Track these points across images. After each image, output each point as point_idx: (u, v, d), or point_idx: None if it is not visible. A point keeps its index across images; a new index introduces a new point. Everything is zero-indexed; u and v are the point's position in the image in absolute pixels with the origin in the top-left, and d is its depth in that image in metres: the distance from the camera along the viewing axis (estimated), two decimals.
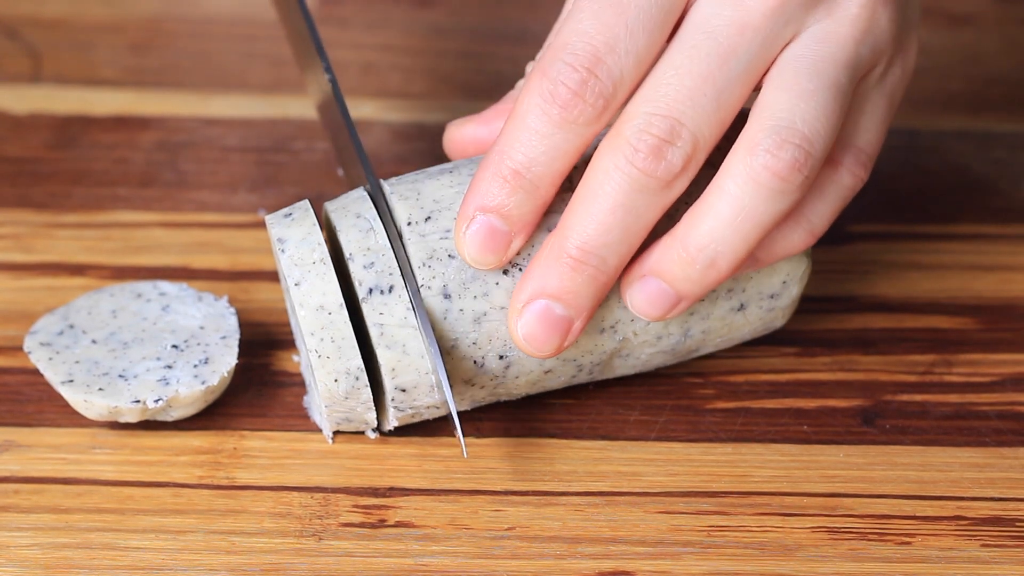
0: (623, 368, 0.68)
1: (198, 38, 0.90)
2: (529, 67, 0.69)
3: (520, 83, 0.70)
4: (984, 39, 0.92)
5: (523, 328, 0.63)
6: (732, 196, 0.61)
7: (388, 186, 0.65)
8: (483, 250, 0.63)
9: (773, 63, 0.62)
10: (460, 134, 0.69)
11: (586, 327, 0.64)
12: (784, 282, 0.67)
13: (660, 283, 0.63)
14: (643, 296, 0.63)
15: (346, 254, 0.64)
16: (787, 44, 0.62)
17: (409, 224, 0.64)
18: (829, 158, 0.64)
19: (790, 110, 0.61)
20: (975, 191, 0.81)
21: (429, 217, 0.64)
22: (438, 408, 0.66)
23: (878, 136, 0.65)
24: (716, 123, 0.61)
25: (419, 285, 0.63)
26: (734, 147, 0.61)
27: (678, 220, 0.63)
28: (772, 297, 0.67)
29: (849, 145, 0.64)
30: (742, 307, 0.67)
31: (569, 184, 0.64)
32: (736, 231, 0.61)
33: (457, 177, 0.65)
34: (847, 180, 0.64)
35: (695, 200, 0.62)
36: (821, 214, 0.64)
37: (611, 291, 0.65)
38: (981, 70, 0.90)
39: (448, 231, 0.64)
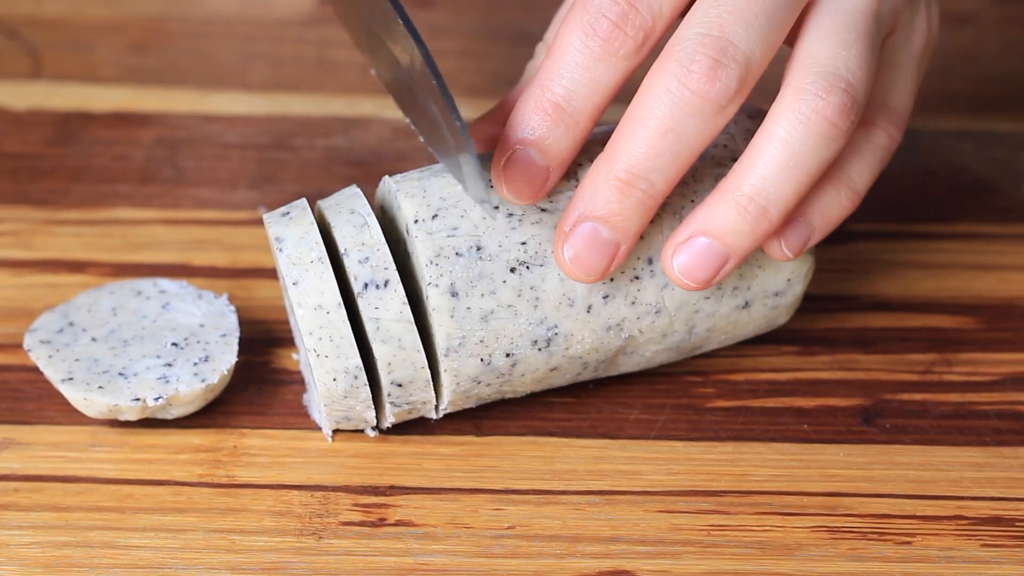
0: (627, 365, 0.68)
1: (198, 38, 0.90)
2: (538, 48, 0.69)
3: (530, 63, 0.69)
4: (984, 39, 0.92)
5: (570, 251, 0.62)
6: (782, 141, 0.61)
7: (394, 183, 0.65)
8: (520, 184, 0.63)
9: (808, 15, 0.62)
10: (483, 135, 0.68)
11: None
12: (788, 280, 0.67)
13: (709, 241, 0.62)
14: (689, 257, 0.62)
15: (341, 250, 0.64)
16: None
17: (416, 222, 0.64)
18: (863, 118, 0.64)
19: (833, 58, 0.61)
20: (975, 191, 0.81)
21: (436, 215, 0.64)
22: (434, 404, 0.66)
23: (909, 98, 0.66)
24: (767, 46, 0.61)
25: (427, 282, 0.63)
26: (780, 95, 0.61)
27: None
28: (776, 295, 0.67)
29: (881, 105, 0.65)
30: (747, 305, 0.67)
31: (574, 174, 0.64)
32: (788, 177, 0.61)
33: None
34: (883, 140, 0.65)
35: (701, 199, 0.62)
36: (861, 173, 0.64)
37: (618, 290, 0.65)
38: (981, 70, 0.90)
39: (455, 228, 0.64)
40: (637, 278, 0.65)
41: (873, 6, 0.63)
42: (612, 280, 0.65)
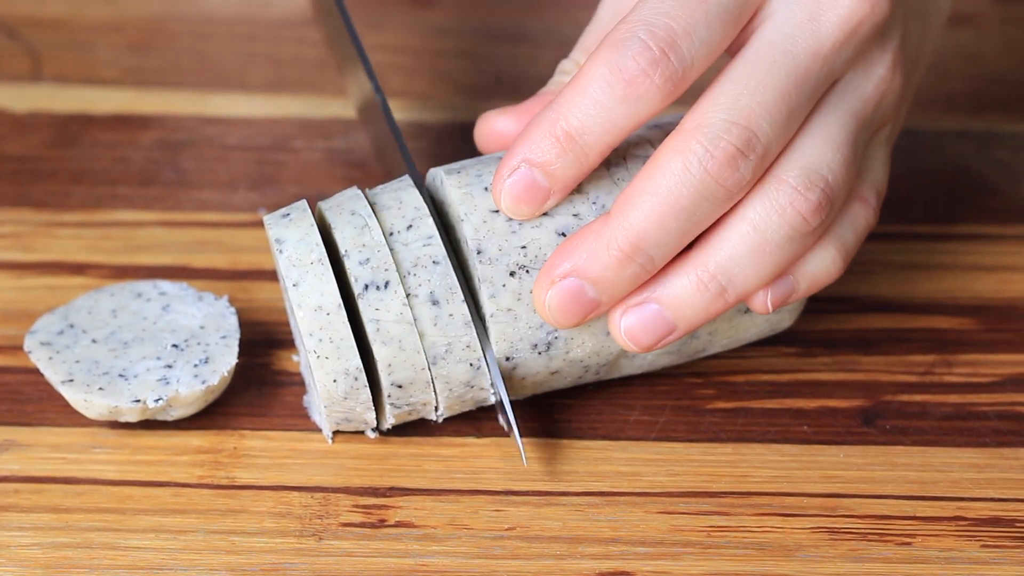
0: (629, 368, 0.68)
1: (198, 38, 0.90)
2: (563, 64, 0.69)
3: (556, 78, 0.69)
4: (984, 39, 0.92)
5: (552, 299, 0.63)
6: (754, 225, 0.62)
7: (371, 196, 0.66)
8: (519, 201, 0.63)
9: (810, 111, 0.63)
10: (493, 126, 0.68)
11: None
12: None
13: (660, 309, 0.63)
14: (637, 321, 0.63)
15: (341, 251, 0.64)
16: (827, 89, 0.63)
17: (392, 234, 0.64)
18: (859, 194, 0.65)
19: (820, 157, 0.62)
20: (975, 191, 0.81)
21: (411, 225, 0.64)
22: (434, 405, 0.66)
23: (886, 179, 0.67)
24: (782, 142, 0.62)
25: (407, 293, 0.63)
26: (761, 181, 0.62)
27: None
28: None
29: (875, 189, 0.66)
30: (748, 309, 0.67)
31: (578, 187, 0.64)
32: (753, 262, 0.62)
33: None
34: (872, 219, 0.66)
35: None
36: (851, 243, 0.65)
37: None
38: (981, 70, 0.90)
39: (431, 237, 0.64)
40: None
41: (867, 112, 0.64)
42: None
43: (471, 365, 0.64)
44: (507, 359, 0.65)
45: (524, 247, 0.64)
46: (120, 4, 0.92)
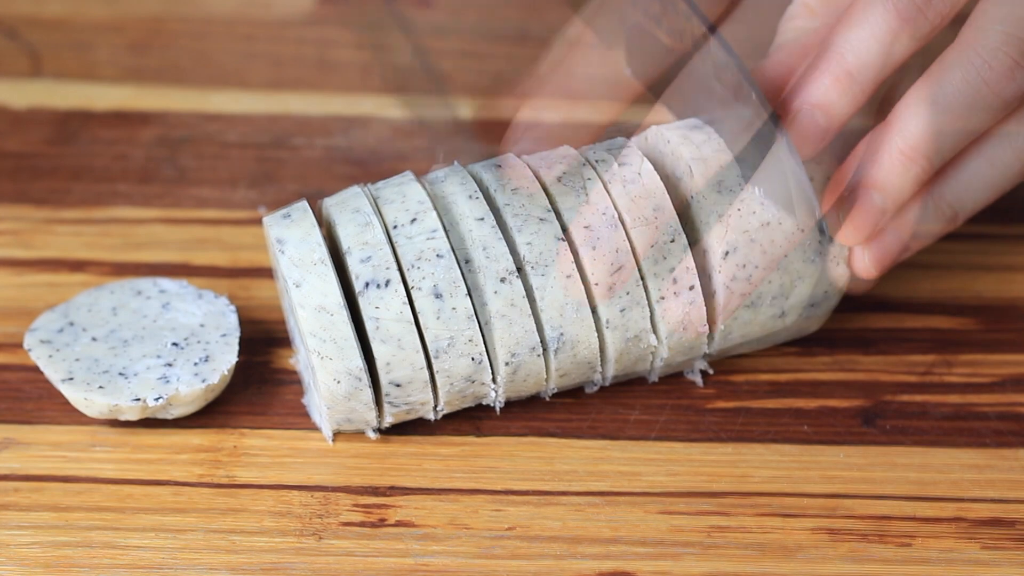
0: (638, 367, 0.67)
1: (198, 38, 0.90)
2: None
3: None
4: None
5: (844, 214, 0.65)
6: (990, 162, 0.66)
7: (374, 191, 0.66)
8: (802, 140, 0.64)
9: None
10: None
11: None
12: (825, 292, 0.67)
13: (897, 232, 0.66)
14: (876, 245, 0.66)
15: (343, 248, 0.64)
16: None
17: (395, 228, 0.64)
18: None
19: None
20: None
21: (415, 219, 0.64)
22: (432, 405, 0.66)
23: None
24: None
25: (411, 286, 0.63)
26: (983, 135, 0.66)
27: None
28: (812, 306, 0.68)
29: None
30: (784, 312, 0.67)
31: (583, 187, 0.64)
32: (984, 193, 0.68)
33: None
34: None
35: None
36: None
37: (635, 301, 0.65)
38: None
39: (434, 231, 0.64)
40: (663, 298, 0.65)
41: None
42: (628, 294, 0.65)
43: (472, 359, 0.64)
44: (513, 356, 0.64)
45: (530, 243, 0.64)
46: (120, 4, 0.92)
